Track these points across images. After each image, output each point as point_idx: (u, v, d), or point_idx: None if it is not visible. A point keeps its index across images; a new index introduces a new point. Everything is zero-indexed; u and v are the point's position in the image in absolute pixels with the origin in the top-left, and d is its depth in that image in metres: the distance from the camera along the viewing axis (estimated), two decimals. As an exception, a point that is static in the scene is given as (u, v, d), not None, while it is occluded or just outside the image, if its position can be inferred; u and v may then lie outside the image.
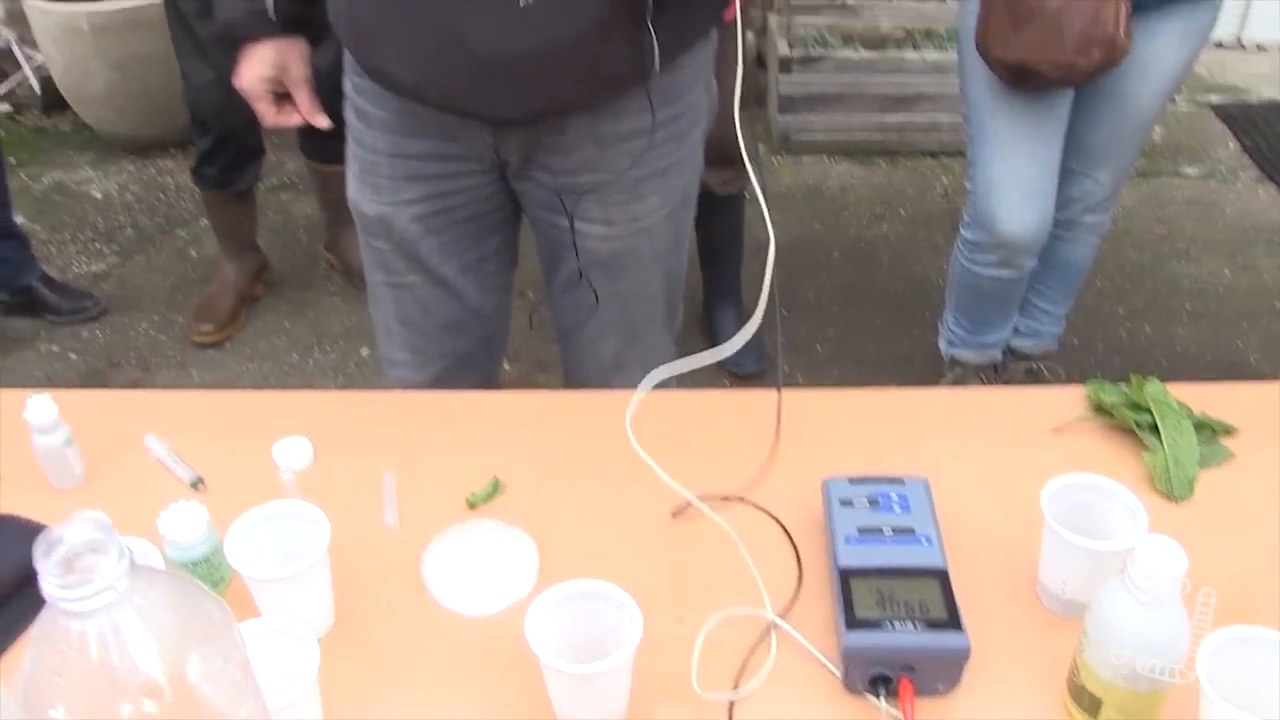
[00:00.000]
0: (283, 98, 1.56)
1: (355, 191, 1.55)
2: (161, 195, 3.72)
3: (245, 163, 2.92)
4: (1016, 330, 2.63)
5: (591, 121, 1.39)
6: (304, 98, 1.56)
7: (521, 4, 1.18)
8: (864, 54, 4.03)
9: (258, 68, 1.52)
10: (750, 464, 1.28)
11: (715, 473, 1.26)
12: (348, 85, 1.50)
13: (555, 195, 1.48)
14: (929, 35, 4.16)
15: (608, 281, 1.55)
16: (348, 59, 1.47)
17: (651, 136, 1.41)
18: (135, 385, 2.86)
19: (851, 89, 3.87)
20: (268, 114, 1.56)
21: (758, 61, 3.88)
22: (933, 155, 3.78)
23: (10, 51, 4.18)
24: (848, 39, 4.12)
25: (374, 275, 1.63)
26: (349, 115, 1.51)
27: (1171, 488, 1.26)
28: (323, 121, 1.57)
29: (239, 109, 2.72)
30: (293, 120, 1.57)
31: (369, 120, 1.48)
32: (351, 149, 1.53)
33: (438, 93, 1.36)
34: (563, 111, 1.38)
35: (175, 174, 3.79)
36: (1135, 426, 1.33)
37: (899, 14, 4.05)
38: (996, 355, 2.59)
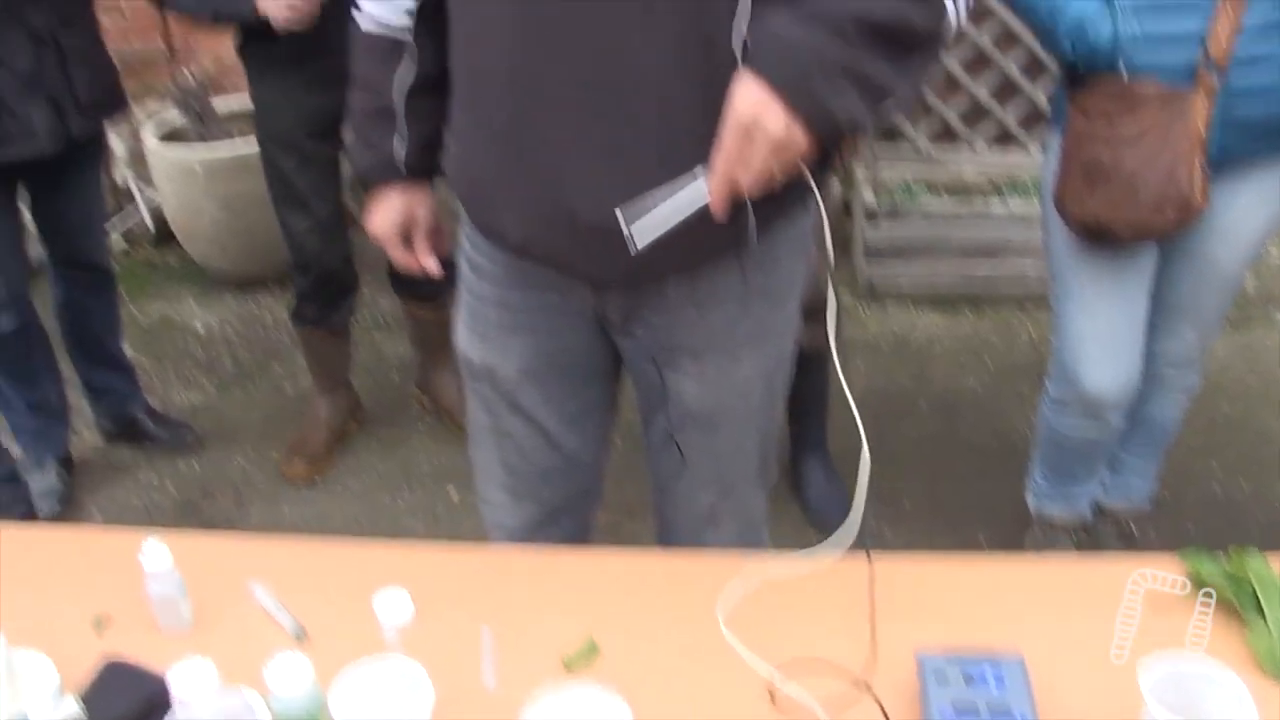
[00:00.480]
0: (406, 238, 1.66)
1: (464, 339, 1.61)
2: (260, 329, 3.85)
3: (341, 299, 3.02)
4: (1105, 487, 2.60)
5: (690, 286, 1.43)
6: (420, 243, 1.65)
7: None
8: (949, 204, 4.08)
9: (388, 213, 1.62)
10: (842, 634, 1.28)
11: (808, 642, 1.26)
12: (462, 237, 1.57)
13: (653, 353, 1.52)
14: (1014, 185, 4.20)
15: (702, 437, 1.57)
16: (462, 213, 1.54)
17: (747, 304, 1.45)
18: (228, 519, 2.92)
19: (937, 239, 3.91)
20: (397, 255, 1.65)
21: (844, 210, 3.94)
22: (1019, 305, 3.78)
23: (128, 189, 4.39)
24: (933, 189, 4.17)
25: (477, 417, 1.68)
26: (462, 265, 1.59)
27: (1278, 670, 1.23)
28: (434, 267, 1.65)
29: (337, 250, 2.87)
30: (415, 263, 1.66)
31: (480, 271, 1.55)
32: (463, 297, 1.60)
33: (543, 251, 1.42)
34: (661, 276, 1.42)
35: (274, 309, 3.92)
36: (1236, 603, 1.30)
37: (983, 164, 4.11)
38: (1085, 512, 2.55)
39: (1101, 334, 2.19)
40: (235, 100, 4.10)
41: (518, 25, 1.25)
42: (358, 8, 1.53)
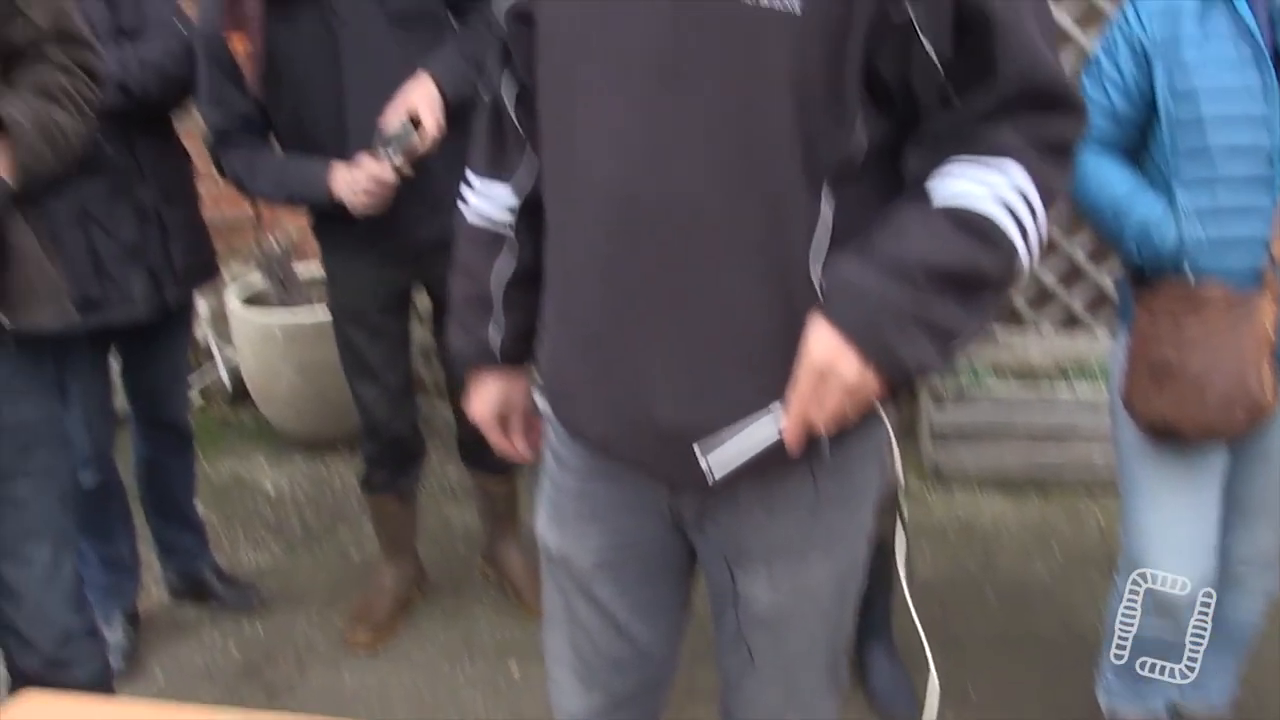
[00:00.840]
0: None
1: (542, 524, 1.65)
2: (329, 493, 3.90)
3: (409, 466, 3.06)
4: (1181, 687, 2.52)
5: (762, 490, 1.45)
6: (515, 430, 1.71)
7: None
8: (1015, 389, 4.08)
9: (487, 400, 1.68)
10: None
11: None
12: (547, 427, 1.62)
13: (724, 551, 1.53)
14: (1081, 369, 4.19)
15: (771, 640, 1.57)
16: (545, 405, 1.58)
17: (818, 511, 1.47)
18: (289, 683, 2.92)
19: (1003, 423, 3.90)
20: (496, 440, 1.71)
21: (910, 393, 3.96)
22: (1087, 491, 3.74)
23: (208, 348, 4.52)
24: (999, 372, 4.18)
25: (552, 599, 1.69)
26: (546, 454, 1.63)
27: None
28: (526, 456, 1.71)
29: (406, 417, 2.94)
30: (512, 449, 1.71)
31: (562, 462, 1.59)
32: (545, 485, 1.64)
33: (622, 451, 1.45)
34: (734, 480, 1.44)
35: (343, 474, 3.98)
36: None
37: (1050, 348, 4.11)
38: (1160, 713, 2.47)
39: (1171, 531, 2.16)
40: (317, 266, 4.25)
41: (611, 247, 1.31)
42: (464, 200, 1.62)
